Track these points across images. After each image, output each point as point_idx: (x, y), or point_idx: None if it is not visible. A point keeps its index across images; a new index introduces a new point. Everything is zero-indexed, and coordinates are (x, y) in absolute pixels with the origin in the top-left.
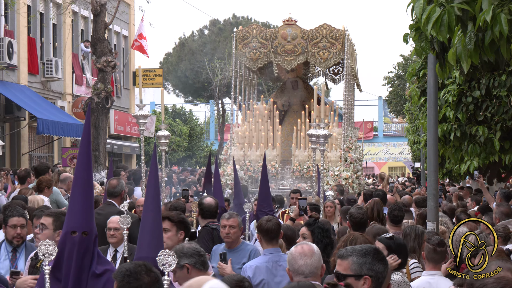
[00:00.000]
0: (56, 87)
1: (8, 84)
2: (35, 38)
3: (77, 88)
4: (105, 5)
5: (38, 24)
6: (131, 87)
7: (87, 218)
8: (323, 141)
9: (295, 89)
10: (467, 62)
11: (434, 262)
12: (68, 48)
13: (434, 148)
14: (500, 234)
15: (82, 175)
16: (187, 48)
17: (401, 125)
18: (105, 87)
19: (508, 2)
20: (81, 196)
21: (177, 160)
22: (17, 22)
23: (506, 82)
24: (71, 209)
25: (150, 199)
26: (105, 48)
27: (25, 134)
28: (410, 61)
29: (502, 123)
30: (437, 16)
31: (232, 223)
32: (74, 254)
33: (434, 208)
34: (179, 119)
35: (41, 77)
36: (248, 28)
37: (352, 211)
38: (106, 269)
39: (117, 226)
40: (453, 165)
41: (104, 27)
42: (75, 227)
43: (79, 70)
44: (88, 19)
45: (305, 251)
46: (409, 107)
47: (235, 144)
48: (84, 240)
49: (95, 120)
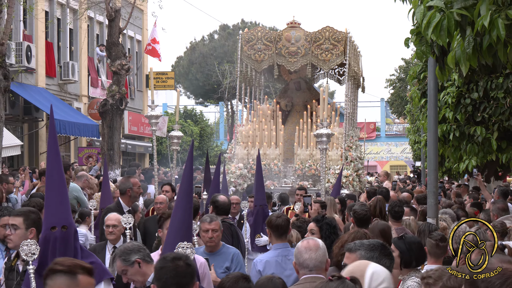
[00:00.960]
0: (72, 89)
1: (26, 87)
2: (52, 42)
3: (93, 90)
4: (119, 11)
5: (55, 29)
6: (144, 89)
7: (64, 212)
8: (326, 140)
9: (298, 90)
10: (466, 65)
11: (435, 257)
12: (84, 52)
13: (434, 148)
14: (498, 230)
15: (54, 171)
16: (198, 52)
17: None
18: (119, 89)
19: (505, 8)
20: (55, 192)
21: None
22: (35, 27)
23: (503, 84)
24: (48, 206)
25: (181, 197)
26: (120, 52)
27: (43, 134)
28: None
29: (499, 123)
30: (437, 21)
31: (215, 226)
32: (57, 249)
33: (434, 205)
34: (190, 120)
35: (58, 80)
36: (253, 31)
37: (355, 208)
38: (91, 261)
39: (115, 223)
40: (452, 164)
41: (119, 32)
42: (54, 222)
43: (95, 73)
44: (103, 24)
45: (311, 245)
46: (410, 108)
47: (239, 143)
48: (65, 234)
49: (110, 120)
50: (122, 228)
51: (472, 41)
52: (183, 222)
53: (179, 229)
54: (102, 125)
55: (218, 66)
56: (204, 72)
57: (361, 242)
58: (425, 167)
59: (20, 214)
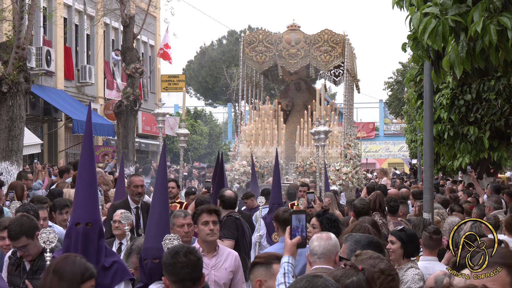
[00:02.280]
0: (89, 91)
1: (46, 89)
2: (70, 47)
3: (108, 92)
4: (133, 17)
5: (73, 34)
6: (157, 91)
7: (90, 210)
8: (324, 137)
9: (298, 91)
10: (460, 69)
11: (430, 249)
12: (100, 56)
13: (430, 146)
14: (491, 223)
15: (85, 169)
16: (207, 56)
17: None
18: (134, 91)
19: (497, 14)
20: (85, 189)
21: (198, 156)
22: (54, 32)
23: (494, 86)
24: (76, 202)
25: (158, 193)
26: (134, 56)
27: (61, 133)
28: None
29: (491, 123)
30: (433, 27)
31: (189, 221)
32: (79, 245)
33: (430, 200)
34: (200, 120)
35: (76, 82)
36: (255, 33)
37: (355, 203)
38: (114, 261)
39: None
40: (446, 161)
41: (133, 37)
42: (79, 218)
43: (110, 76)
44: (118, 30)
45: (323, 236)
46: (407, 109)
47: (242, 142)
48: (88, 231)
49: (125, 120)
50: (129, 225)
51: (465, 46)
52: (161, 218)
53: (158, 224)
54: (117, 125)
55: (226, 69)
56: (213, 75)
57: (353, 235)
58: (421, 165)
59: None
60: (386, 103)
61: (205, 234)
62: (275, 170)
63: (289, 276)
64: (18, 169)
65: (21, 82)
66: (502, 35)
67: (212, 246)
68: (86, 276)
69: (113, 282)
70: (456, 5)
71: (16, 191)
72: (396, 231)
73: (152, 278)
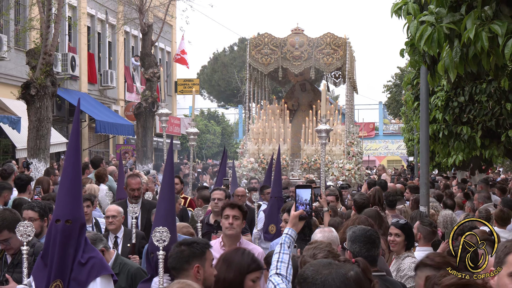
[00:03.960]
0: (111, 94)
1: (71, 92)
2: (93, 53)
3: (128, 95)
4: (151, 26)
5: (96, 41)
6: (173, 94)
7: (72, 207)
8: (325, 135)
9: (303, 91)
10: (454, 73)
11: (425, 240)
12: (121, 62)
13: (426, 145)
14: (482, 216)
15: (69, 166)
16: (219, 61)
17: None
18: (152, 94)
19: (489, 22)
20: (67, 186)
21: (212, 154)
22: (78, 40)
23: (486, 89)
24: (58, 198)
25: (165, 188)
26: (152, 61)
27: (85, 133)
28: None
29: (483, 123)
30: (429, 34)
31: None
32: (57, 242)
33: (426, 195)
34: (213, 121)
35: (98, 86)
36: (261, 37)
37: (355, 198)
38: (90, 256)
39: (114, 214)
40: (441, 158)
41: (151, 44)
42: (59, 215)
43: (130, 80)
44: (137, 37)
45: (325, 229)
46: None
47: (250, 139)
48: (67, 228)
49: (144, 121)
50: (122, 218)
51: (459, 51)
52: (167, 213)
53: (165, 218)
54: (136, 125)
55: (237, 73)
56: (225, 79)
57: (351, 227)
58: (417, 162)
59: None
60: (385, 104)
61: (224, 227)
62: (277, 165)
63: (285, 247)
64: (46, 166)
65: (48, 85)
66: (493, 41)
67: (232, 239)
68: (252, 267)
69: (89, 278)
70: (450, 14)
71: (43, 186)
72: (401, 224)
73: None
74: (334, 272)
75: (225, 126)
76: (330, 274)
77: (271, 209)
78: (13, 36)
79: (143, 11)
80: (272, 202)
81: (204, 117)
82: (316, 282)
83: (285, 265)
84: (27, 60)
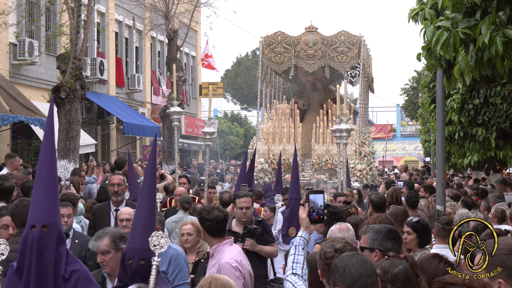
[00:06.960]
0: (138, 97)
1: (100, 95)
2: (121, 58)
3: (155, 98)
4: (177, 31)
5: (123, 46)
6: (198, 97)
7: (49, 212)
8: (346, 135)
9: (314, 91)
10: (469, 76)
11: (442, 238)
12: (148, 66)
13: (442, 146)
14: (498, 216)
15: (44, 167)
16: (242, 65)
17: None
18: (177, 97)
19: (503, 27)
20: (42, 189)
21: (235, 155)
22: (107, 45)
23: (500, 92)
24: (33, 203)
25: (145, 191)
26: (177, 65)
27: (113, 134)
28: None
29: (497, 125)
30: (445, 38)
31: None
32: (34, 249)
33: (442, 194)
34: (236, 123)
35: (126, 89)
36: (274, 35)
37: (372, 197)
38: (73, 270)
39: (128, 217)
40: (457, 159)
41: (176, 49)
42: (34, 220)
43: (156, 84)
44: (163, 42)
45: (343, 227)
46: (421, 113)
47: (260, 140)
48: (44, 234)
49: (169, 123)
50: None
51: (474, 55)
52: (148, 218)
53: (146, 224)
54: (162, 127)
55: None
56: (248, 82)
57: (372, 226)
58: (434, 162)
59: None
60: (402, 107)
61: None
62: (293, 166)
63: (299, 248)
64: (75, 166)
65: (78, 89)
66: (507, 45)
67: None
68: None
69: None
70: (465, 19)
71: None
72: (412, 223)
73: (135, 279)
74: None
75: (247, 128)
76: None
77: (290, 212)
78: (44, 41)
79: (169, 17)
80: (291, 204)
81: (227, 119)
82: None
83: (300, 265)
84: (57, 65)
